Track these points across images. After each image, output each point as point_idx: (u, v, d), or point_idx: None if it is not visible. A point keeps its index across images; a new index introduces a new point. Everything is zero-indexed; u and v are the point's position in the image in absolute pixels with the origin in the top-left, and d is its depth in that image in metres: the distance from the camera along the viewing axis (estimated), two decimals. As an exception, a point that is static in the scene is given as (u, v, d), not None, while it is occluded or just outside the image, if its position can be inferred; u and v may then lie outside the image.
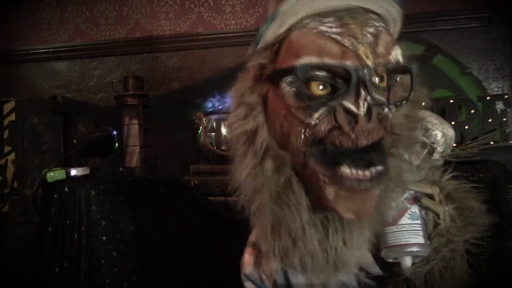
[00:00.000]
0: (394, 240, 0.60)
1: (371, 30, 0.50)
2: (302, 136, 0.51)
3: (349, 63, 0.48)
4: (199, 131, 1.67)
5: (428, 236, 0.61)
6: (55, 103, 1.94)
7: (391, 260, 0.61)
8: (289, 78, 0.51)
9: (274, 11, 0.53)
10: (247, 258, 0.69)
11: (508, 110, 1.65)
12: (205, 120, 1.66)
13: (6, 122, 1.96)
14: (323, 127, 0.50)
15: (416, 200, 0.61)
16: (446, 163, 1.37)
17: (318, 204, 0.53)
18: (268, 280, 0.64)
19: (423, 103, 0.68)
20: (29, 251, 1.81)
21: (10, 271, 1.85)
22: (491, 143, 1.59)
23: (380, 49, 0.50)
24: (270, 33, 0.55)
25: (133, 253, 1.30)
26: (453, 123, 1.60)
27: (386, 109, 0.50)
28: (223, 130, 1.65)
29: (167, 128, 2.00)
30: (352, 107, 0.48)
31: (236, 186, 0.57)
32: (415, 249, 0.59)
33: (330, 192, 0.50)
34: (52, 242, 1.19)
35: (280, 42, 0.55)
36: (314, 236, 0.53)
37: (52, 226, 1.20)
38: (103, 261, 1.23)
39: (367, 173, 0.49)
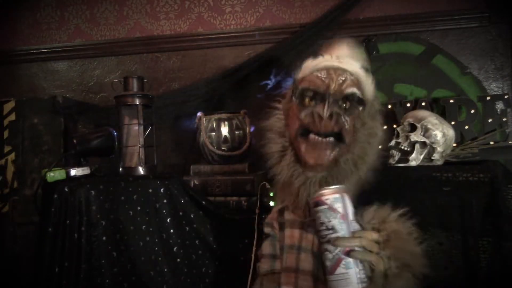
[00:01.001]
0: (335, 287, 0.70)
1: (342, 78, 0.95)
2: (297, 125, 0.96)
3: (321, 89, 0.94)
4: (199, 131, 1.67)
5: (369, 278, 0.70)
6: (55, 103, 1.94)
7: None
8: (296, 94, 0.97)
9: (301, 65, 1.01)
10: (269, 215, 1.05)
11: (508, 110, 1.65)
12: (205, 120, 1.66)
13: (6, 122, 1.96)
14: (307, 120, 0.94)
15: (349, 252, 0.70)
16: (446, 163, 1.38)
17: (299, 159, 0.95)
18: (274, 221, 1.02)
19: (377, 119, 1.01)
20: (29, 251, 1.81)
21: (10, 271, 1.85)
22: (491, 143, 1.60)
23: (342, 87, 0.94)
24: (297, 76, 1.02)
25: (133, 253, 1.30)
26: (453, 123, 1.61)
27: (342, 117, 0.93)
28: (223, 130, 1.65)
29: (167, 128, 2.00)
30: (320, 112, 0.92)
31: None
32: None
33: (303, 147, 0.94)
34: (52, 242, 1.19)
35: (301, 80, 1.00)
36: (297, 191, 0.94)
37: (52, 226, 1.19)
38: (103, 261, 1.22)
39: (324, 139, 0.92)
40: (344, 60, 0.97)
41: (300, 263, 0.92)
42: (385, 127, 1.68)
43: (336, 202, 0.73)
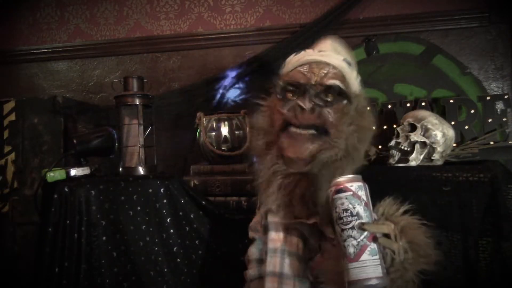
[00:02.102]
0: (356, 275, 0.69)
1: (324, 71, 0.93)
2: (280, 120, 0.94)
3: (302, 81, 0.93)
4: (199, 131, 1.67)
5: (387, 269, 0.71)
6: (55, 103, 1.94)
7: None
8: (278, 88, 0.97)
9: (285, 61, 1.01)
10: (254, 219, 1.06)
11: (508, 110, 1.65)
12: (205, 120, 1.66)
13: (6, 122, 1.96)
14: (289, 114, 0.93)
15: (374, 238, 0.70)
16: (446, 163, 1.38)
17: (281, 155, 0.94)
18: (258, 225, 1.02)
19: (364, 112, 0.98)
20: (29, 251, 1.81)
21: (10, 271, 1.85)
22: (491, 143, 1.59)
23: (324, 80, 0.92)
24: (283, 70, 1.01)
25: (133, 253, 1.30)
26: (453, 123, 1.61)
27: (325, 109, 0.91)
28: (223, 130, 1.65)
29: (167, 128, 2.00)
30: (301, 104, 0.91)
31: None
32: (375, 282, 0.68)
33: (284, 141, 0.92)
34: (52, 242, 1.19)
35: (285, 76, 0.99)
36: (279, 190, 0.93)
37: (52, 226, 1.19)
38: (103, 261, 1.23)
39: (304, 132, 0.91)
40: (326, 54, 0.95)
41: (284, 268, 0.91)
42: (385, 127, 1.69)
43: (360, 190, 0.73)
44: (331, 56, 0.94)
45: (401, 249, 0.71)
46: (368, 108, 1.00)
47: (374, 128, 0.98)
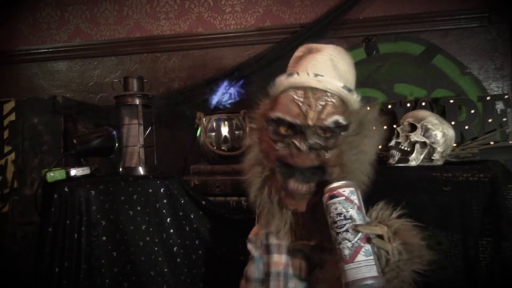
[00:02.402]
0: (352, 276, 0.70)
1: (322, 102, 0.84)
2: (273, 156, 0.88)
3: (298, 121, 0.83)
4: (199, 131, 1.67)
5: (382, 270, 0.72)
6: (55, 103, 1.94)
7: None
8: (270, 122, 0.87)
9: (274, 80, 0.90)
10: (253, 230, 1.01)
11: (508, 110, 1.65)
12: (205, 120, 1.66)
13: (6, 122, 1.96)
14: (284, 153, 0.85)
15: (368, 239, 0.72)
16: (446, 163, 1.38)
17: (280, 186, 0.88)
18: (258, 240, 0.98)
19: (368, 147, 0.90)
20: (29, 251, 1.81)
21: (10, 271, 1.85)
22: (491, 143, 1.59)
23: (322, 115, 0.83)
24: (272, 91, 0.92)
25: (133, 253, 1.30)
26: (453, 123, 1.60)
27: (323, 150, 0.84)
28: (223, 130, 1.65)
29: (167, 128, 2.00)
30: (297, 144, 0.82)
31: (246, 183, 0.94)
32: (370, 282, 0.69)
33: (283, 193, 0.87)
34: (52, 242, 1.19)
35: (275, 98, 0.90)
36: (280, 217, 0.90)
37: (52, 226, 1.19)
38: (103, 261, 1.23)
39: (304, 187, 0.85)
40: (323, 79, 0.84)
41: None
42: (385, 127, 1.69)
43: (352, 194, 0.75)
44: (329, 82, 0.84)
45: (395, 250, 0.72)
46: (370, 118, 0.90)
47: (376, 135, 0.91)
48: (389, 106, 1.73)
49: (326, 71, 0.86)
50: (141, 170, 1.51)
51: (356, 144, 0.87)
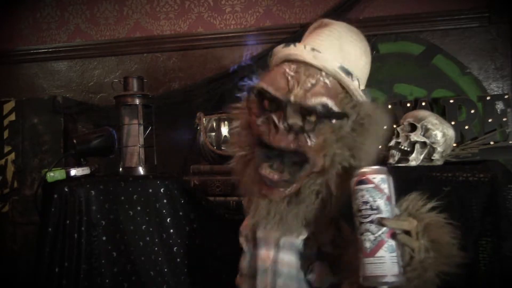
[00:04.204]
0: (371, 270, 0.66)
1: (313, 81, 0.74)
2: (255, 132, 0.79)
3: (279, 95, 0.75)
4: (199, 131, 1.67)
5: (404, 267, 0.67)
6: (55, 103, 1.94)
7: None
8: (255, 93, 0.79)
9: (272, 51, 0.83)
10: (244, 222, 0.97)
11: (508, 110, 1.65)
12: (205, 120, 1.66)
13: (6, 122, 1.96)
14: (262, 128, 0.77)
15: (393, 234, 0.67)
16: (446, 163, 1.38)
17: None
18: (247, 232, 0.93)
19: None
20: (29, 251, 1.81)
21: (10, 271, 1.85)
22: (491, 143, 1.59)
23: (307, 94, 0.74)
24: (270, 62, 0.85)
25: (133, 253, 1.30)
26: (453, 123, 1.60)
27: (305, 133, 0.74)
28: (223, 130, 1.65)
29: (167, 128, 2.00)
30: (275, 120, 0.74)
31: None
32: (390, 280, 0.65)
33: (257, 177, 0.80)
34: (52, 242, 1.19)
35: (270, 70, 0.83)
36: (264, 207, 0.82)
37: (52, 226, 1.19)
38: (103, 261, 1.23)
39: (276, 175, 0.76)
40: (320, 56, 0.75)
41: None
42: (385, 127, 1.69)
43: (383, 183, 0.69)
44: (326, 59, 0.75)
45: (422, 248, 0.67)
46: (374, 114, 0.80)
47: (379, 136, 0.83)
48: (389, 106, 1.73)
49: (326, 47, 0.77)
50: (141, 170, 1.51)
51: (350, 144, 0.77)
